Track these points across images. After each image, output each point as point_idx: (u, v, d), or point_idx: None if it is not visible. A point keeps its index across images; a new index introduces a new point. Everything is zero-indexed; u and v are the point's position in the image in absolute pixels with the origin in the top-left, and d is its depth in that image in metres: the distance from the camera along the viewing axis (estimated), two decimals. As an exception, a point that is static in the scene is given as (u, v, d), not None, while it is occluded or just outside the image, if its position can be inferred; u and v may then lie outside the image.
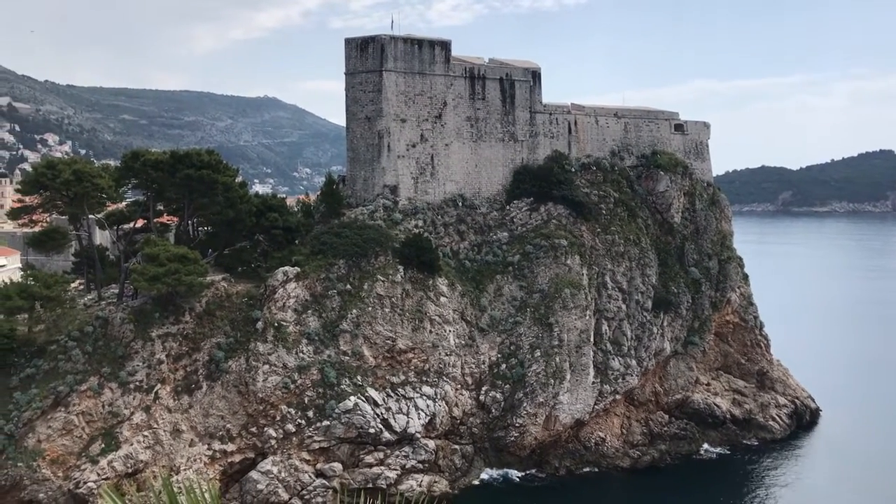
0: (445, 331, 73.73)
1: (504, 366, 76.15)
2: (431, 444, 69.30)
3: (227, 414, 63.09)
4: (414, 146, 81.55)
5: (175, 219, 77.19)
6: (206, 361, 63.60)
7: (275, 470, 62.02)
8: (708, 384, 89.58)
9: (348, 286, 70.87)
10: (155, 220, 72.60)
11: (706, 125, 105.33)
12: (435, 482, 67.27)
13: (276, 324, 66.69)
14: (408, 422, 68.24)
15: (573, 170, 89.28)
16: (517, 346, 77.09)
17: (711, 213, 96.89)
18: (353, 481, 64.11)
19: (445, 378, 72.48)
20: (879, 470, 75.51)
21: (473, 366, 75.54)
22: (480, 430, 73.71)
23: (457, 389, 73.54)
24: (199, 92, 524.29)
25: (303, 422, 64.69)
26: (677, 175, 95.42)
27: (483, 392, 74.98)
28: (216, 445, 61.87)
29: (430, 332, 73.01)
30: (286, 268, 69.36)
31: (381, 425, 66.82)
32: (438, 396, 71.29)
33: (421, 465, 67.78)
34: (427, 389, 70.95)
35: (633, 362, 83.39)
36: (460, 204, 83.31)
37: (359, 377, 68.33)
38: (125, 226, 74.10)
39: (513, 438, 73.45)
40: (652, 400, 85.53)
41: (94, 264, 71.03)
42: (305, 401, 65.55)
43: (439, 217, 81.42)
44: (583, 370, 78.14)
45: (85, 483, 55.27)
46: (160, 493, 11.17)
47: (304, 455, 64.14)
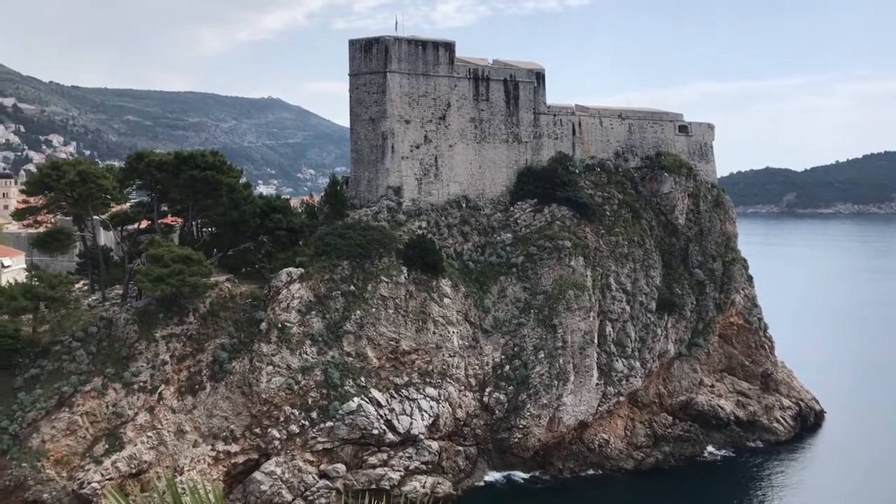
0: (449, 332, 73.70)
1: (507, 367, 76.09)
2: (435, 445, 69.25)
3: (231, 415, 63.13)
4: (418, 147, 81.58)
5: (179, 220, 77.32)
6: (210, 362, 63.66)
7: (278, 471, 62.04)
8: (712, 386, 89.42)
9: (352, 287, 70.89)
10: (159, 221, 72.75)
11: (710, 126, 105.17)
12: (438, 483, 67.22)
13: (279, 325, 66.73)
14: (411, 423, 68.21)
15: (577, 171, 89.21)
16: (521, 347, 77.01)
17: (715, 214, 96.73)
18: (357, 482, 64.13)
19: (449, 379, 72.45)
20: (884, 472, 75.28)
21: (477, 367, 75.49)
22: (484, 431, 73.65)
23: (460, 391, 73.50)
24: (203, 93, 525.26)
25: (306, 423, 64.71)
26: (681, 176, 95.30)
27: (486, 393, 74.93)
28: (220, 446, 61.92)
29: (434, 333, 72.99)
30: (290, 269, 69.41)
31: (384, 426, 66.80)
32: (442, 398, 71.25)
33: (424, 467, 67.75)
34: (430, 391, 70.92)
35: (637, 364, 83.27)
36: (464, 205, 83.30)
37: (362, 378, 68.33)
38: (129, 226, 74.29)
39: (516, 440, 73.38)
40: (656, 402, 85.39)
41: (98, 265, 71.15)
42: (309, 402, 65.57)
43: (443, 218, 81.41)
44: (586, 372, 78.07)
45: (89, 483, 55.35)
46: (164, 493, 11.17)
47: (308, 456, 64.16)
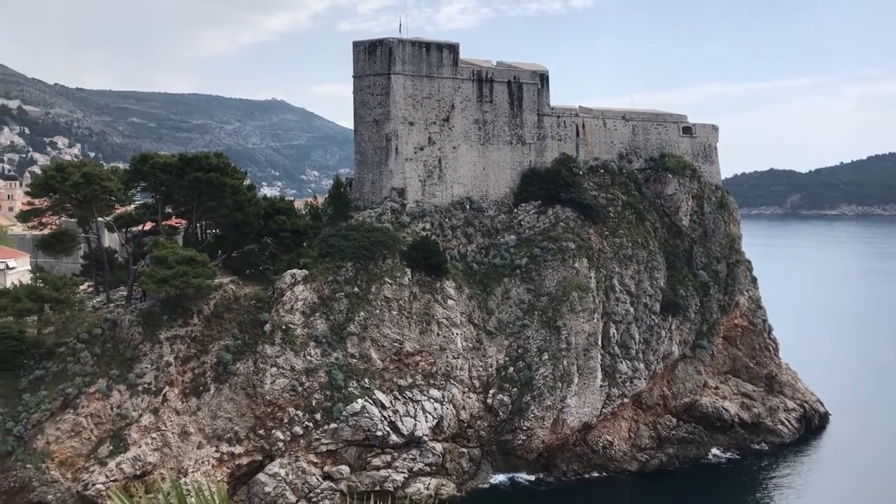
0: (453, 334, 73.70)
1: (511, 369, 76.06)
2: (439, 447, 69.24)
3: (235, 416, 63.18)
4: (422, 149, 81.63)
5: (183, 221, 77.39)
6: (214, 364, 63.72)
7: (282, 472, 62.09)
8: (716, 388, 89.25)
9: (356, 289, 70.92)
10: (163, 223, 72.81)
11: (714, 128, 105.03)
12: (442, 485, 67.21)
13: (283, 326, 66.78)
14: (415, 424, 68.22)
15: (581, 173, 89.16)
16: (525, 349, 76.99)
17: (720, 216, 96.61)
18: (361, 484, 64.15)
19: (453, 381, 72.45)
20: (889, 475, 75.05)
21: (481, 369, 75.48)
22: (488, 433, 73.62)
23: (464, 392, 73.49)
24: (207, 95, 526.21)
25: (310, 424, 64.74)
26: (685, 178, 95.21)
27: (490, 395, 74.91)
28: (224, 448, 61.97)
29: (438, 334, 73.00)
30: (294, 270, 69.47)
31: (388, 428, 66.82)
32: (446, 399, 71.25)
33: (428, 468, 67.75)
34: (434, 392, 70.93)
35: (641, 366, 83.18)
36: (468, 207, 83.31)
37: (366, 380, 68.36)
38: (134, 228, 74.35)
39: (520, 442, 73.34)
40: (660, 403, 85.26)
41: (102, 267, 71.29)
42: (313, 403, 65.61)
43: (447, 220, 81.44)
44: (590, 373, 77.99)
45: (93, 485, 55.40)
46: (168, 495, 11.18)
47: (312, 458, 64.20)
